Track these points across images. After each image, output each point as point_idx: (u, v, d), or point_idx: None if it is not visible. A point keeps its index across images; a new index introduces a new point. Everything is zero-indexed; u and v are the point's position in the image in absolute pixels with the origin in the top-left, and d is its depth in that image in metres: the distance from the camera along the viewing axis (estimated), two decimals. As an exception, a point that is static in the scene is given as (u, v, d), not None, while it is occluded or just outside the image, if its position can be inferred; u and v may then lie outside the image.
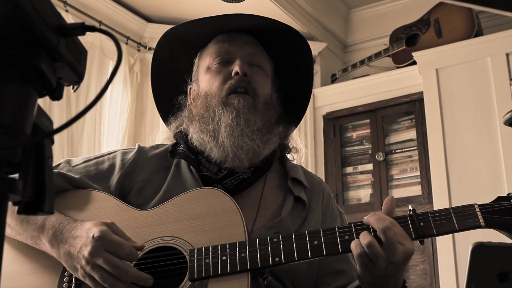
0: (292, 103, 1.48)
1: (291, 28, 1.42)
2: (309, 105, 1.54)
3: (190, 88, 1.45)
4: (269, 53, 1.45)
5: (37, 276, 1.21)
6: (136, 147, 1.43)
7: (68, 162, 1.38)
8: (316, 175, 1.52)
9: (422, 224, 1.15)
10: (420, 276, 3.51)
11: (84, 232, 1.12)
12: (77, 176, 1.31)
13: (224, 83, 1.34)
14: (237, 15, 1.36)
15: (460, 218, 1.15)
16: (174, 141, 1.43)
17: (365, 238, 1.10)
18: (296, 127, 1.49)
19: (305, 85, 1.51)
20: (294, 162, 1.49)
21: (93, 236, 1.10)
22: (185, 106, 1.43)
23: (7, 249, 1.23)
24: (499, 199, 1.18)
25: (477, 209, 1.16)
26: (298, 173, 1.42)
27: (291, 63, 1.49)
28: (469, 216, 1.15)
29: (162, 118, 1.49)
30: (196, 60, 1.46)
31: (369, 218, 1.14)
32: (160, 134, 1.51)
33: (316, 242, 1.14)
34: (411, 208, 1.18)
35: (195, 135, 1.35)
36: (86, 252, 1.09)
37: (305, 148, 1.51)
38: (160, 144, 1.47)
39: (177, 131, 1.42)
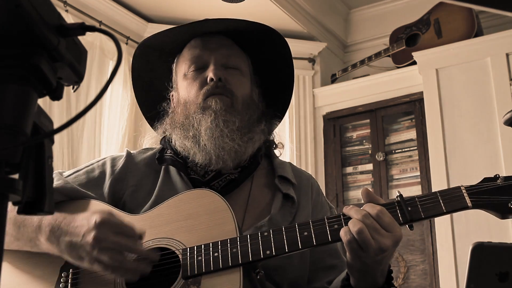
0: (275, 96, 1.49)
1: (262, 25, 1.42)
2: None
3: (172, 95, 1.47)
4: (246, 49, 1.45)
5: (33, 285, 1.23)
6: (125, 152, 1.45)
7: (60, 173, 1.40)
8: (305, 171, 1.53)
9: (409, 209, 1.16)
10: (420, 276, 3.50)
11: (85, 221, 1.13)
12: (68, 186, 1.33)
13: (200, 89, 1.36)
14: (207, 21, 1.37)
15: (447, 201, 1.16)
16: (161, 147, 1.45)
17: (354, 225, 1.10)
18: (280, 121, 1.50)
19: (286, 77, 1.51)
20: (281, 157, 1.50)
21: (95, 222, 1.11)
22: (168, 113, 1.46)
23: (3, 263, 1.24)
24: (486, 180, 1.18)
25: (464, 191, 1.16)
26: (285, 170, 1.42)
27: (269, 57, 1.49)
28: (456, 198, 1.16)
29: (150, 124, 1.52)
30: (174, 67, 1.47)
31: (353, 215, 1.12)
32: (147, 138, 1.53)
33: (306, 233, 1.15)
34: (398, 194, 1.19)
35: (178, 142, 1.37)
36: (90, 238, 1.10)
37: (290, 143, 1.52)
38: (148, 148, 1.49)
39: (163, 136, 1.44)
